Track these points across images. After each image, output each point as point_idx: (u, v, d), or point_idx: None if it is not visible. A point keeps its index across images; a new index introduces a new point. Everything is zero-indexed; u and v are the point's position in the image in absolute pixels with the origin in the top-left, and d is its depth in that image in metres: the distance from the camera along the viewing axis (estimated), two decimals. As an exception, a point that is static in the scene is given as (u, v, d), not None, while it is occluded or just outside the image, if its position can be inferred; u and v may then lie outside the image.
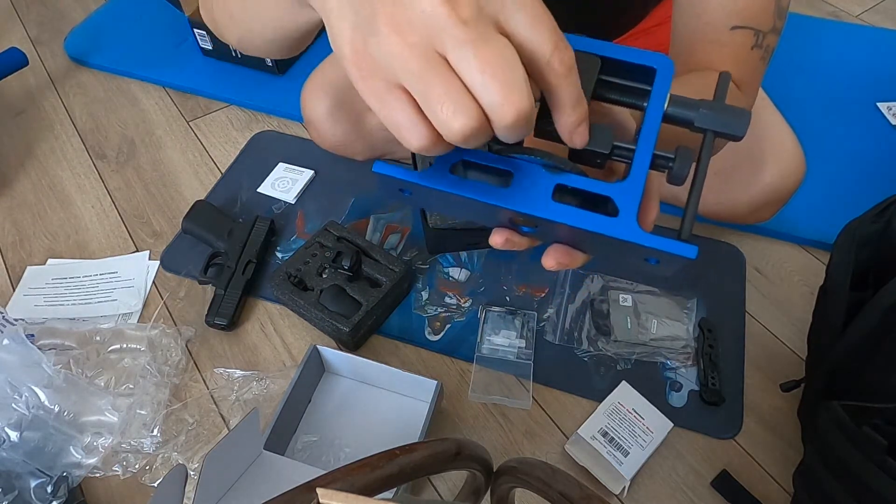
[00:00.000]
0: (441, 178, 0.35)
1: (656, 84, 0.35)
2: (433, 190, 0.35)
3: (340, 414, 0.87)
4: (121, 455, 0.83)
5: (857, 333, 0.69)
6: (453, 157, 0.35)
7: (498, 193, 0.35)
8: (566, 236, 0.38)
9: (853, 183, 1.11)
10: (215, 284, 0.97)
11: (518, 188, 0.35)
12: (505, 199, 0.34)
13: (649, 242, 0.33)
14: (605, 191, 0.34)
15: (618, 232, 0.33)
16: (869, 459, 0.60)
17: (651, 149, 0.35)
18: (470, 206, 0.36)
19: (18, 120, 1.30)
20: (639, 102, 0.37)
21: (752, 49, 0.66)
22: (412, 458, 0.47)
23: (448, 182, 0.35)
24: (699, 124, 0.36)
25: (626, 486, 0.78)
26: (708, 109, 0.35)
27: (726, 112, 0.35)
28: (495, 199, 0.34)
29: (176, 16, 1.37)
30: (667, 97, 0.36)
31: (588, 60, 0.35)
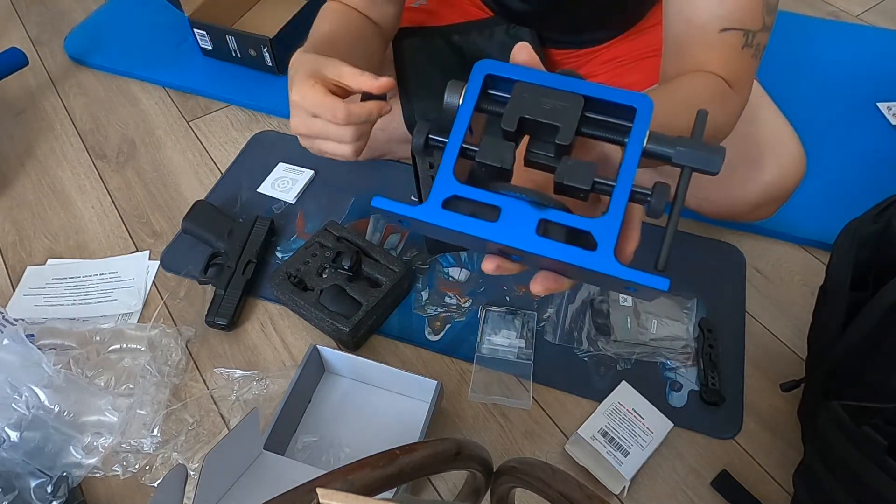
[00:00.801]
0: (434, 213, 0.38)
1: (636, 123, 0.38)
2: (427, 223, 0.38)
3: (340, 414, 0.87)
4: (121, 455, 0.83)
5: (857, 333, 0.69)
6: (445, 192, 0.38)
7: (486, 227, 0.37)
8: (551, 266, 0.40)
9: (853, 183, 1.11)
10: (215, 284, 0.97)
11: (505, 222, 0.37)
12: (493, 232, 0.37)
13: (624, 275, 0.36)
14: (585, 226, 0.37)
15: (595, 265, 0.36)
16: (869, 459, 0.60)
17: (629, 185, 0.37)
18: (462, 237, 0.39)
19: (18, 120, 1.30)
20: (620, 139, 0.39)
21: (743, 49, 0.67)
22: (412, 458, 0.47)
23: (441, 216, 0.38)
24: (676, 160, 0.38)
25: (626, 486, 0.78)
26: (684, 147, 0.38)
27: (702, 149, 0.38)
28: (484, 233, 0.37)
29: (176, 16, 1.37)
30: (646, 135, 0.38)
31: (572, 99, 0.38)
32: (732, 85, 0.67)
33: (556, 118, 0.38)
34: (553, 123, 0.38)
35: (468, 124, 0.40)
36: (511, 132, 0.39)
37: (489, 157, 0.38)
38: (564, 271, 0.41)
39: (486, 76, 0.41)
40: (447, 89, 0.41)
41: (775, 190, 0.90)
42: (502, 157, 0.38)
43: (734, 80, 0.67)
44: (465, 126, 0.40)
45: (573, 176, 0.37)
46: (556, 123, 0.38)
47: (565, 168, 0.38)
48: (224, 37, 1.31)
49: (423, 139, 0.41)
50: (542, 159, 0.39)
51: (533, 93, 0.39)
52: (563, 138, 0.38)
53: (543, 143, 0.39)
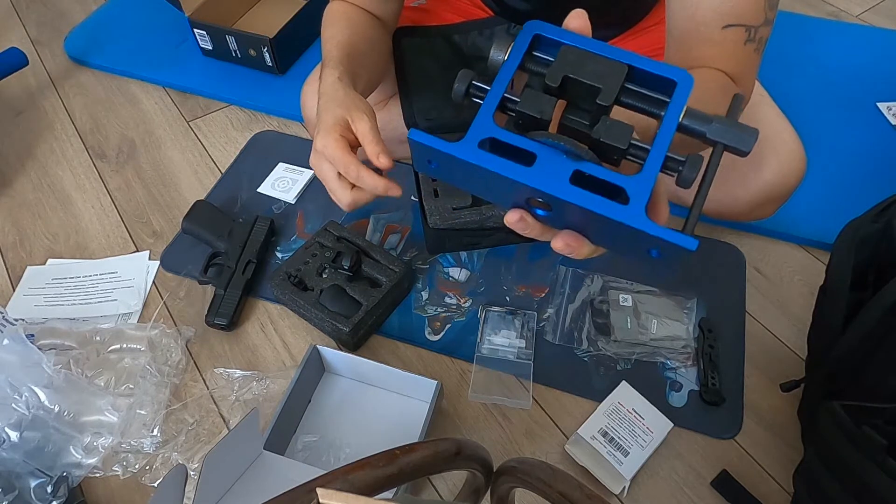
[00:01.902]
0: (470, 151, 0.38)
1: (675, 95, 0.39)
2: (460, 162, 0.38)
3: (340, 414, 0.87)
4: (121, 455, 0.83)
5: (857, 333, 0.69)
6: (483, 133, 0.39)
7: (521, 171, 0.37)
8: (577, 222, 0.40)
9: (853, 183, 1.11)
10: (215, 284, 0.97)
11: (540, 169, 0.37)
12: (527, 176, 0.37)
13: (654, 231, 0.36)
14: (619, 181, 0.37)
15: (627, 218, 0.36)
16: (869, 459, 0.60)
17: (665, 150, 0.38)
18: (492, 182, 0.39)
19: (18, 120, 1.30)
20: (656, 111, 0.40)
21: (746, 44, 0.68)
22: (412, 458, 0.47)
23: (476, 155, 0.38)
24: (711, 136, 0.39)
25: (626, 486, 0.78)
26: (720, 124, 0.39)
27: (737, 129, 0.39)
28: (518, 176, 0.37)
29: (176, 16, 1.37)
30: (684, 108, 0.39)
31: (616, 66, 0.39)
32: (735, 80, 0.68)
33: (599, 80, 0.38)
34: (595, 85, 0.38)
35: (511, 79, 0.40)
36: (553, 88, 0.39)
37: (529, 107, 0.39)
38: (589, 230, 0.41)
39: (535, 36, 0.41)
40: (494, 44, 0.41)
41: (776, 189, 0.90)
42: (542, 108, 0.39)
43: (737, 75, 0.68)
44: (509, 77, 0.40)
45: (611, 134, 0.38)
46: (598, 85, 0.38)
47: (603, 126, 0.38)
48: (224, 37, 1.31)
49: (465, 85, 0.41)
50: (577, 125, 0.40)
51: (579, 56, 0.39)
52: (604, 99, 0.38)
53: (581, 110, 0.40)
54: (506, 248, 1.03)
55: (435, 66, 1.04)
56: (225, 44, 1.32)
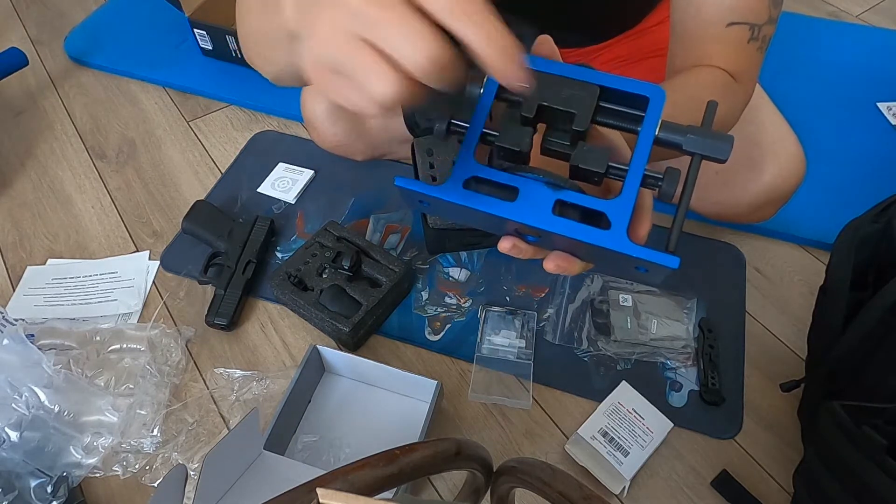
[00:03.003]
0: (455, 192, 0.40)
1: (649, 111, 0.40)
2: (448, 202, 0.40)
3: (340, 414, 0.87)
4: (121, 455, 0.83)
5: (857, 333, 0.69)
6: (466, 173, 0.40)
7: (505, 206, 0.39)
8: (565, 245, 0.42)
9: (853, 183, 1.11)
10: (215, 284, 0.97)
11: (523, 202, 0.39)
12: (511, 211, 0.39)
13: (636, 253, 0.38)
14: (600, 206, 0.39)
15: (609, 243, 0.38)
16: (869, 459, 0.60)
17: (642, 169, 0.39)
18: (480, 217, 0.41)
19: (18, 120, 1.30)
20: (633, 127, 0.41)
21: (749, 42, 0.68)
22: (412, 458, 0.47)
23: (461, 196, 0.40)
24: (687, 148, 0.40)
25: (626, 486, 0.78)
26: (695, 135, 0.40)
27: (712, 138, 0.40)
28: (503, 212, 0.39)
29: (176, 16, 1.37)
30: (658, 123, 0.40)
31: (588, 89, 0.40)
32: (737, 78, 0.68)
33: (573, 105, 0.40)
34: (570, 111, 0.40)
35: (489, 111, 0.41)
36: (530, 118, 0.40)
37: (508, 140, 0.40)
38: (577, 252, 0.43)
39: None
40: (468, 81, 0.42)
41: (775, 191, 0.90)
42: (521, 140, 0.40)
43: (739, 73, 0.68)
44: (486, 112, 0.41)
45: (588, 160, 0.39)
46: (572, 111, 0.40)
47: (581, 152, 0.40)
48: (224, 37, 1.31)
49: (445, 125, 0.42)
50: (558, 147, 0.41)
51: (551, 82, 0.41)
52: (579, 125, 0.40)
53: (559, 131, 0.41)
54: (506, 248, 1.03)
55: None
56: (225, 44, 1.32)
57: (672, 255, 0.38)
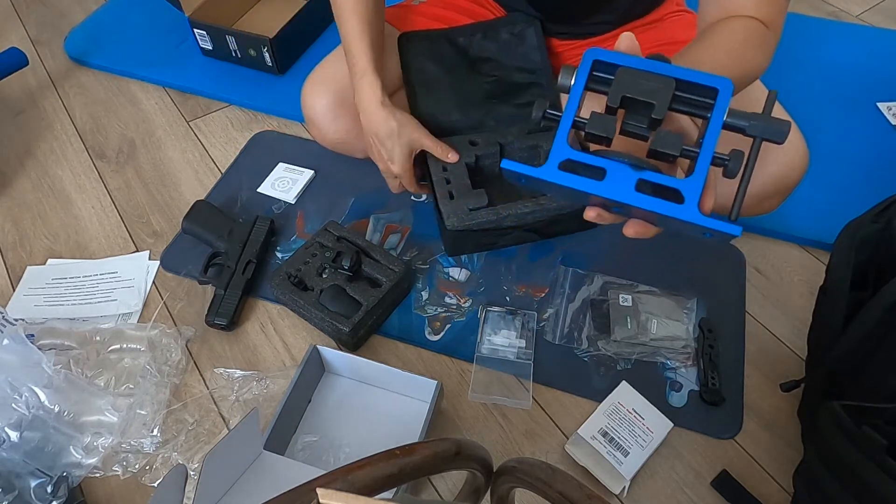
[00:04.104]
0: (553, 173, 0.47)
1: (719, 100, 0.46)
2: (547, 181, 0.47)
3: (340, 414, 0.87)
4: (121, 455, 0.83)
5: (857, 333, 0.69)
6: (561, 156, 0.47)
7: (596, 185, 0.46)
8: (643, 215, 0.49)
9: (853, 183, 1.11)
10: (215, 284, 0.97)
11: (610, 181, 0.46)
12: (601, 189, 0.46)
13: (706, 223, 0.44)
14: (675, 184, 0.45)
15: (684, 215, 0.45)
16: (869, 459, 0.60)
17: (712, 151, 0.46)
18: (572, 193, 0.48)
19: (18, 120, 1.30)
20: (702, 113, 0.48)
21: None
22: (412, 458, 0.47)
23: (558, 176, 0.47)
24: (750, 132, 0.47)
25: (626, 486, 0.78)
26: (757, 121, 0.46)
27: (772, 123, 0.46)
28: (595, 190, 0.46)
29: (176, 16, 1.37)
30: (726, 111, 0.46)
31: (665, 81, 0.46)
32: (768, 25, 0.71)
33: (652, 97, 0.46)
34: (649, 101, 0.46)
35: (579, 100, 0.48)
36: (614, 108, 0.47)
37: (596, 128, 0.47)
38: (653, 221, 0.49)
39: (594, 61, 0.48)
40: (561, 72, 0.49)
41: (781, 182, 0.90)
42: (607, 128, 0.46)
43: (770, 21, 0.72)
44: (577, 102, 0.48)
45: (665, 144, 0.45)
46: (651, 101, 0.46)
47: (659, 137, 0.46)
48: (224, 37, 1.31)
49: (541, 112, 0.49)
50: (636, 129, 0.48)
51: (633, 75, 0.47)
52: (657, 113, 0.46)
53: (638, 115, 0.47)
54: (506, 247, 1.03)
55: (440, 69, 1.05)
56: (225, 44, 1.32)
57: (735, 224, 0.44)
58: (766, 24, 0.71)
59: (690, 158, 0.46)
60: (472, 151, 1.00)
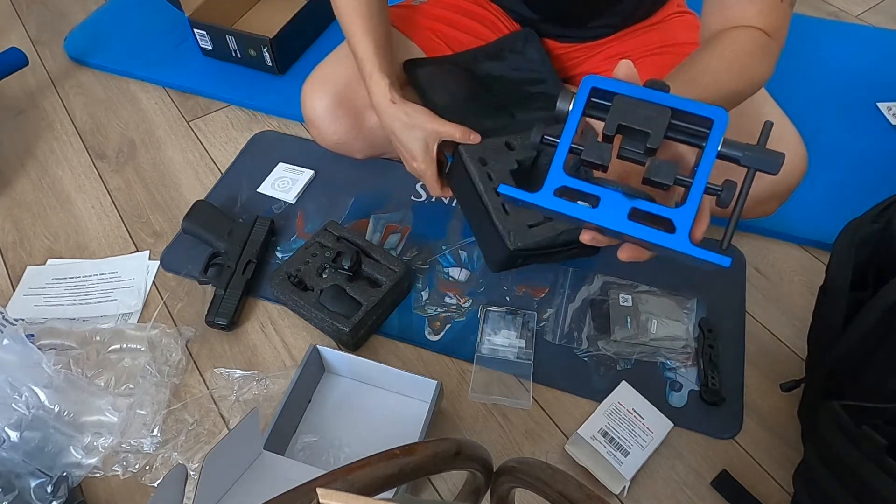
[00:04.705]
0: (549, 199, 0.48)
1: (714, 130, 0.47)
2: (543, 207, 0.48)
3: (340, 414, 0.87)
4: (121, 455, 0.83)
5: (857, 333, 0.69)
6: (557, 182, 0.48)
7: (589, 212, 0.48)
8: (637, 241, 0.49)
9: (853, 183, 1.11)
10: (215, 284, 0.97)
11: (603, 208, 0.47)
12: (595, 216, 0.47)
13: (696, 253, 0.45)
14: (667, 214, 0.47)
15: (674, 244, 0.46)
16: (868, 459, 0.60)
17: (705, 182, 0.46)
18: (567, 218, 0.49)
19: (18, 120, 1.30)
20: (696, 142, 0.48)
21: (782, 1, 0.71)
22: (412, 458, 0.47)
23: (553, 202, 0.48)
24: (744, 163, 0.47)
25: (626, 486, 0.78)
26: (752, 152, 0.47)
27: (766, 154, 0.47)
28: (588, 217, 0.48)
29: (176, 16, 1.37)
30: (720, 141, 0.47)
31: (661, 111, 0.47)
32: (771, 35, 0.71)
33: (647, 126, 0.47)
34: (645, 131, 0.47)
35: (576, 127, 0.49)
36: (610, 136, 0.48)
37: (592, 155, 0.48)
38: (645, 246, 0.50)
39: (592, 88, 0.49)
40: (559, 97, 0.50)
41: (779, 186, 0.90)
42: (602, 156, 0.48)
43: (773, 30, 0.72)
44: (574, 129, 0.49)
45: (659, 173, 0.47)
46: (647, 130, 0.47)
47: (653, 166, 0.47)
48: (224, 37, 1.31)
49: (539, 137, 0.51)
50: (632, 155, 0.48)
51: (629, 104, 0.47)
52: (652, 143, 0.47)
53: (634, 142, 0.48)
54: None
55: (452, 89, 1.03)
56: (225, 44, 1.32)
57: (724, 256, 0.45)
58: (769, 34, 0.71)
59: (684, 187, 0.47)
60: (513, 157, 0.93)
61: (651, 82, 0.49)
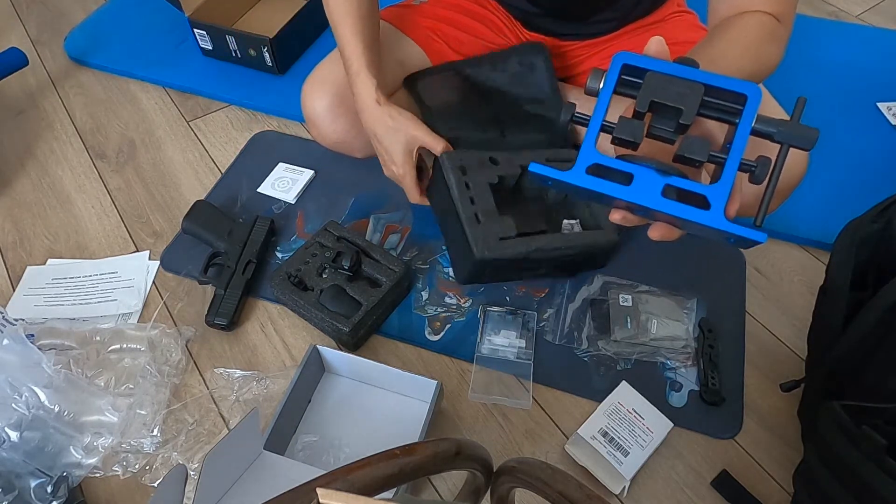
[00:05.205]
0: (581, 177, 0.47)
1: (747, 107, 0.46)
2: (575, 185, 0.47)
3: (340, 414, 0.87)
4: (121, 455, 0.83)
5: (857, 333, 0.69)
6: (589, 160, 0.47)
7: (623, 190, 0.46)
8: (669, 219, 0.49)
9: (853, 183, 1.11)
10: (215, 284, 0.97)
11: (637, 186, 0.46)
12: (628, 194, 0.46)
13: (732, 229, 0.45)
14: (702, 191, 0.46)
15: (710, 221, 0.45)
16: (869, 459, 0.60)
17: (740, 158, 0.45)
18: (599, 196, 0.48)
19: (18, 120, 1.30)
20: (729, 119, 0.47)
21: None
22: (412, 458, 0.47)
23: (586, 180, 0.47)
24: (778, 139, 0.46)
25: (626, 486, 0.78)
26: (785, 128, 0.46)
27: (800, 130, 0.46)
28: (622, 195, 0.46)
29: (176, 16, 1.37)
30: (754, 118, 0.46)
31: (693, 87, 0.46)
32: (780, 19, 0.72)
33: (680, 102, 0.46)
34: (678, 107, 0.46)
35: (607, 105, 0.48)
36: (642, 112, 0.47)
37: (624, 132, 0.46)
38: (677, 224, 0.49)
39: (623, 65, 0.48)
40: (590, 75, 0.48)
41: (779, 185, 0.90)
42: (634, 133, 0.46)
43: (782, 15, 0.72)
44: (605, 106, 0.48)
45: (693, 150, 0.45)
46: (680, 107, 0.46)
47: (686, 143, 0.46)
48: (224, 37, 1.31)
49: (569, 116, 0.49)
50: (663, 133, 0.48)
51: (661, 80, 0.46)
52: (685, 119, 0.46)
53: (665, 119, 0.47)
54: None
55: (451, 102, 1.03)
56: (225, 44, 1.32)
57: (760, 231, 0.44)
58: (778, 18, 0.72)
59: (717, 164, 0.47)
60: (495, 172, 0.94)
61: (680, 59, 0.48)
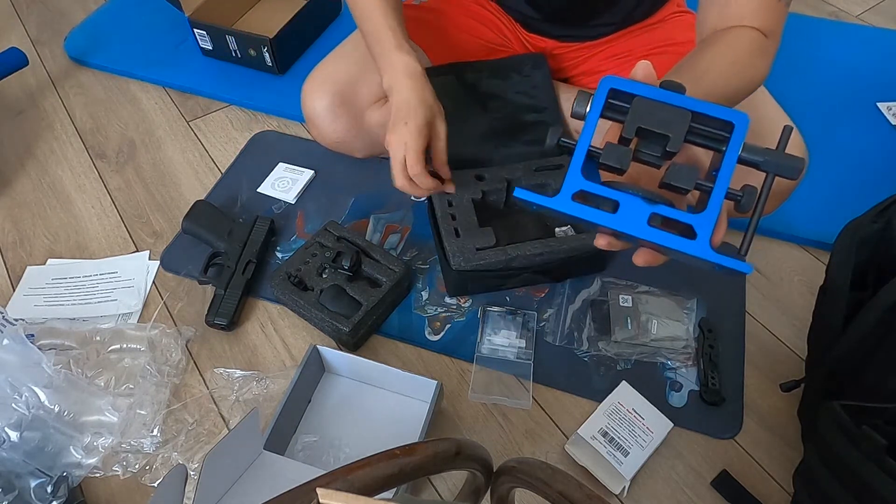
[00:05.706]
0: (566, 204, 0.47)
1: (734, 135, 0.46)
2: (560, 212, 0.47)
3: (340, 414, 0.87)
4: (121, 455, 0.83)
5: (857, 333, 0.69)
6: (575, 186, 0.47)
7: (608, 217, 0.46)
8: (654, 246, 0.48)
9: (853, 183, 1.11)
10: (215, 284, 0.97)
11: (623, 213, 0.46)
12: (613, 222, 0.46)
13: (716, 259, 0.44)
14: (689, 220, 0.45)
15: (696, 251, 0.45)
16: (868, 459, 0.60)
17: (726, 187, 0.45)
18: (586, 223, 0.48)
19: (18, 120, 1.30)
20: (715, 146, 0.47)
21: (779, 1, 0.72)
22: (412, 458, 0.47)
23: (571, 207, 0.46)
24: (764, 168, 0.46)
25: (626, 486, 0.78)
26: (771, 157, 0.46)
27: (786, 159, 0.46)
28: (608, 223, 0.46)
29: (176, 16, 1.37)
30: (741, 146, 0.46)
31: (681, 113, 0.46)
32: (768, 34, 0.72)
33: (667, 129, 0.45)
34: (665, 133, 0.45)
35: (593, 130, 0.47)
36: (629, 138, 0.46)
37: (611, 159, 0.46)
38: (661, 250, 0.49)
39: (610, 89, 0.48)
40: (576, 99, 0.48)
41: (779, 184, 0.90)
42: (621, 160, 0.46)
43: (769, 30, 0.72)
44: (591, 131, 0.47)
45: (679, 178, 0.45)
46: (667, 133, 0.45)
47: (673, 171, 0.45)
48: (224, 37, 1.31)
49: (555, 140, 0.49)
50: (649, 158, 0.47)
51: (649, 106, 0.46)
52: (672, 146, 0.46)
53: (652, 145, 0.47)
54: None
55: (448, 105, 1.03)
56: (225, 44, 1.32)
57: (745, 263, 0.44)
58: (765, 34, 0.71)
59: (703, 192, 0.46)
60: (479, 187, 0.96)
61: (667, 83, 0.47)
